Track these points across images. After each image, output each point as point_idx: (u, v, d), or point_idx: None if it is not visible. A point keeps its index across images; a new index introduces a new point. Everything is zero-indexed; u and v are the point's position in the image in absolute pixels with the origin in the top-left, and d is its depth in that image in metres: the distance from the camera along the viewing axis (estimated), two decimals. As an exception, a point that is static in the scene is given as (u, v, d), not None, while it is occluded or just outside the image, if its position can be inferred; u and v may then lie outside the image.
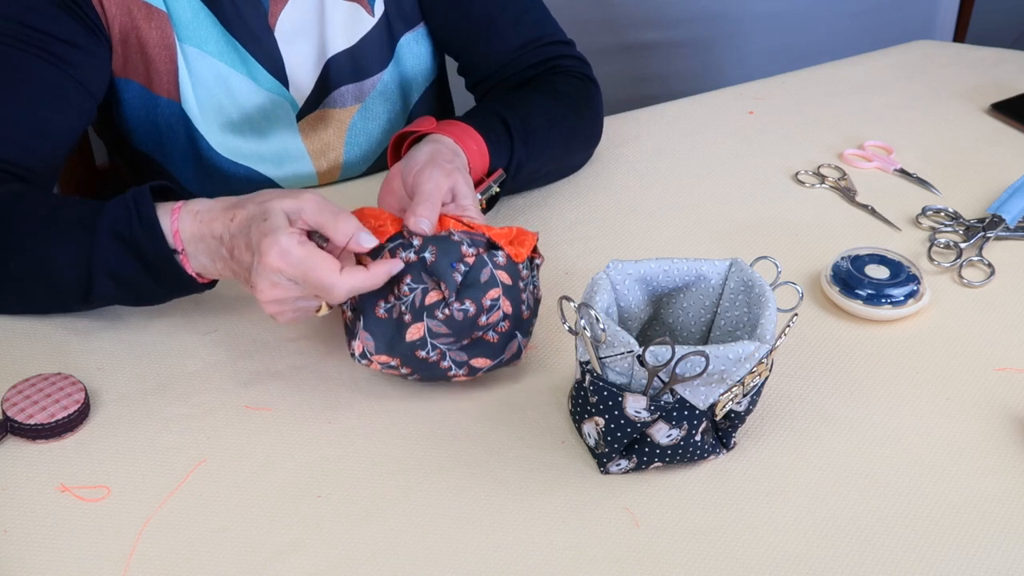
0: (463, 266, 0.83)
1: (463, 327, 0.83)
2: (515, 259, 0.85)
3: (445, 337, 0.83)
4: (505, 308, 0.84)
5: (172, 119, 1.11)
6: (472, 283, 0.83)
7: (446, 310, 0.82)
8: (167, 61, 1.07)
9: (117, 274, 0.87)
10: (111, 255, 0.86)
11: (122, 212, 0.86)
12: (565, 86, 1.15)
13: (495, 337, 0.85)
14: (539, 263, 0.89)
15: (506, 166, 1.05)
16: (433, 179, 0.89)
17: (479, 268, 0.83)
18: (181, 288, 0.89)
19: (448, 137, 0.98)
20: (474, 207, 0.92)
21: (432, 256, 0.83)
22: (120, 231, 0.86)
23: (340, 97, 1.16)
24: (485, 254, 0.84)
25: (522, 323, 0.86)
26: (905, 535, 0.77)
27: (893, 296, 0.98)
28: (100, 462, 0.82)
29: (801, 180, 1.20)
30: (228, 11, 1.07)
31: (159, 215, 0.85)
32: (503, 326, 0.84)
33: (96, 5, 1.02)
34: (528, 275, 0.87)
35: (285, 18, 1.10)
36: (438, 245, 0.83)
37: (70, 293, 0.90)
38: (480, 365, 0.86)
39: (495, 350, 0.85)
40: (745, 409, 0.81)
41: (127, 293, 0.90)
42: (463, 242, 0.84)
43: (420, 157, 0.93)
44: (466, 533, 0.77)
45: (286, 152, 1.16)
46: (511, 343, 0.86)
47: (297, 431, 0.85)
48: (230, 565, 0.75)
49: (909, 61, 1.47)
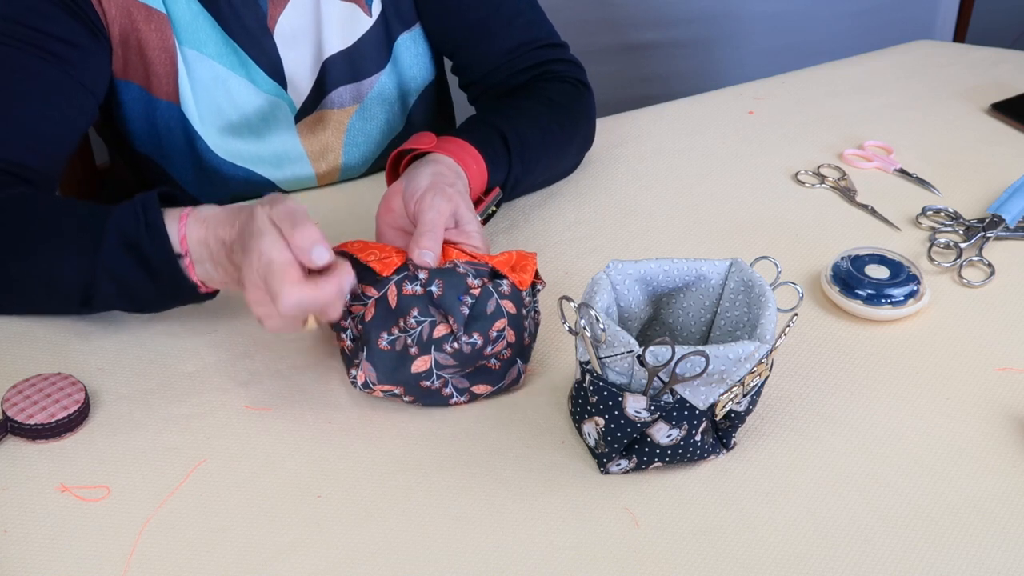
0: (470, 298, 0.83)
1: (469, 358, 0.84)
2: (519, 286, 0.86)
3: (451, 368, 0.84)
4: (509, 338, 0.85)
5: (171, 121, 1.11)
6: (479, 315, 0.83)
7: (455, 344, 0.82)
8: (167, 63, 1.07)
9: (121, 279, 0.87)
10: (116, 260, 0.86)
11: (130, 217, 0.86)
12: (560, 95, 1.15)
13: (497, 364, 0.86)
14: (540, 288, 0.90)
15: (503, 183, 1.05)
16: (435, 207, 0.89)
17: (485, 299, 0.84)
18: (183, 296, 0.88)
19: (449, 157, 0.97)
20: (477, 232, 0.91)
21: (439, 290, 0.83)
22: (128, 236, 0.85)
23: (338, 98, 1.16)
24: (490, 284, 0.85)
25: (523, 350, 0.87)
26: (905, 535, 0.77)
27: (893, 296, 0.98)
28: (100, 462, 0.82)
29: (801, 180, 1.20)
30: (227, 13, 1.07)
31: (167, 221, 0.85)
32: (505, 354, 0.85)
33: (96, 6, 1.02)
34: (530, 301, 0.88)
35: (284, 20, 1.10)
36: (444, 279, 0.83)
37: (71, 297, 0.90)
38: (481, 391, 0.86)
39: (496, 377, 0.86)
40: (745, 409, 0.81)
41: (128, 299, 0.89)
42: (468, 274, 0.84)
43: (422, 181, 0.92)
44: (466, 533, 0.77)
45: (285, 154, 1.16)
46: (511, 369, 0.87)
47: (297, 431, 0.85)
48: (230, 565, 0.75)
49: (909, 61, 1.47)
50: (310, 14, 1.11)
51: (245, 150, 1.14)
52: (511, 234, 1.09)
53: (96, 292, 0.88)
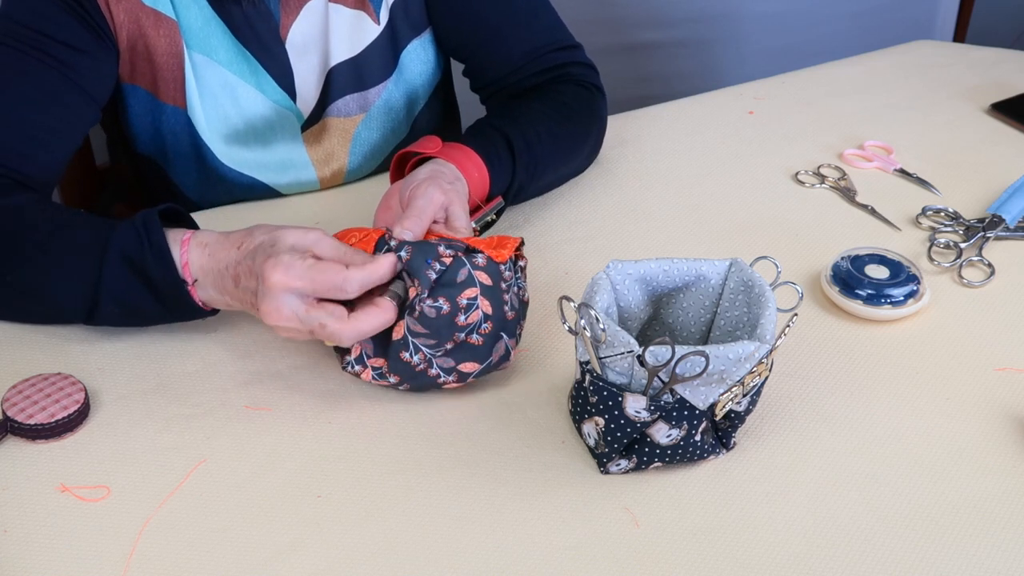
0: (439, 264, 0.83)
1: (439, 326, 0.83)
2: (496, 260, 0.86)
3: (425, 338, 0.83)
4: (485, 308, 0.84)
5: (177, 126, 1.11)
6: (448, 283, 0.83)
7: (418, 305, 0.82)
8: (174, 69, 1.07)
9: (124, 300, 0.87)
10: (120, 281, 0.86)
11: (132, 237, 0.86)
12: (572, 98, 1.14)
13: (479, 340, 0.84)
14: (523, 264, 0.89)
15: (506, 190, 1.05)
16: (427, 195, 0.90)
17: (456, 268, 0.83)
18: (188, 314, 0.89)
19: (451, 164, 0.98)
20: (465, 232, 0.92)
21: (407, 255, 0.83)
22: (130, 257, 0.85)
23: (344, 107, 1.15)
24: (464, 256, 0.84)
25: (507, 324, 0.86)
26: (905, 535, 0.77)
27: (893, 296, 0.98)
28: (100, 462, 0.82)
29: (801, 180, 1.20)
30: (239, 21, 1.07)
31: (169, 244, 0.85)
32: (485, 327, 0.84)
33: (104, 11, 1.01)
34: (511, 276, 0.87)
35: (296, 29, 1.09)
36: (415, 246, 0.84)
37: (72, 314, 0.90)
38: (469, 370, 0.85)
39: (481, 353, 0.85)
40: (745, 409, 0.81)
41: (131, 317, 0.90)
42: (440, 244, 0.84)
43: (420, 175, 0.94)
44: (466, 533, 0.77)
45: (290, 161, 1.16)
46: (497, 345, 0.86)
47: (297, 431, 0.85)
48: (230, 565, 0.75)
49: (909, 61, 1.47)
50: (320, 23, 1.11)
51: (250, 157, 1.14)
52: (511, 233, 1.09)
53: (99, 311, 0.88)
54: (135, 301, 0.87)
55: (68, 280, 0.88)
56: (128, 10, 1.03)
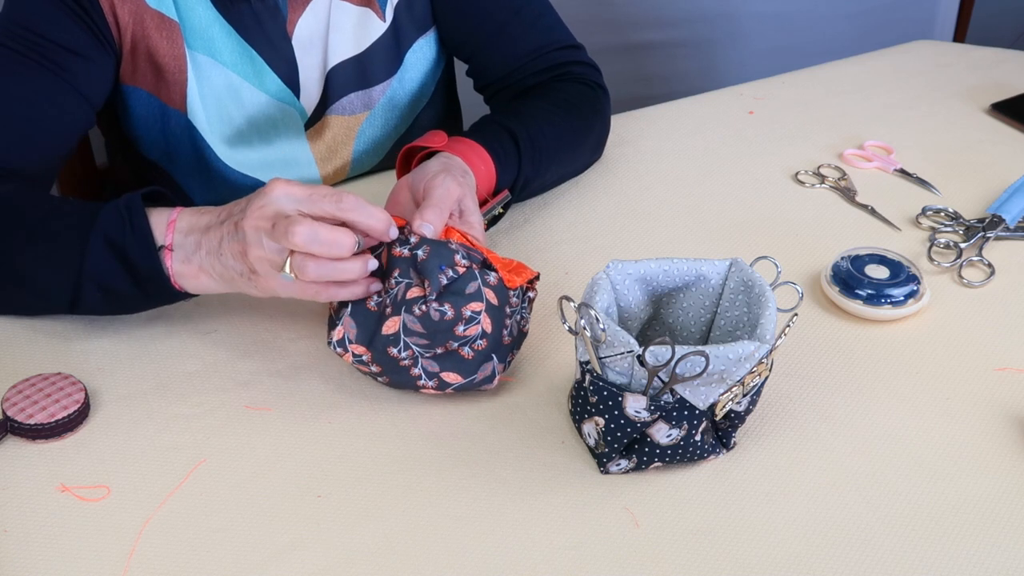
0: (451, 272, 0.83)
1: (438, 330, 0.82)
2: (507, 284, 0.86)
3: (419, 337, 0.83)
4: (485, 325, 0.83)
5: (179, 129, 1.11)
6: (457, 291, 0.83)
7: (423, 306, 0.82)
8: (176, 71, 1.07)
9: (106, 283, 0.87)
10: (102, 263, 0.86)
11: (115, 219, 0.86)
12: (576, 96, 1.15)
13: (470, 354, 0.84)
14: (532, 296, 0.89)
15: (512, 184, 1.05)
16: (445, 186, 0.90)
17: (467, 280, 0.83)
18: (165, 298, 0.89)
19: (458, 157, 0.98)
20: (479, 226, 0.92)
21: (424, 255, 0.83)
22: (112, 239, 0.86)
23: (348, 104, 1.16)
24: (478, 270, 0.84)
25: (500, 347, 0.86)
26: (905, 535, 0.77)
27: (893, 296, 0.98)
28: (100, 462, 0.82)
29: (801, 180, 1.20)
30: (247, 19, 1.07)
31: (156, 215, 0.86)
32: (480, 344, 0.84)
33: (108, 14, 1.01)
34: (518, 304, 0.87)
35: (303, 24, 1.10)
36: (432, 247, 0.84)
37: (56, 299, 0.89)
38: (451, 380, 0.85)
39: (467, 367, 0.85)
40: (745, 409, 0.81)
41: (112, 302, 0.89)
42: (458, 252, 0.84)
43: (432, 168, 0.94)
44: (466, 533, 0.77)
45: (293, 159, 1.16)
46: (485, 365, 0.85)
47: (297, 431, 0.85)
48: (230, 565, 0.75)
49: (909, 61, 1.47)
50: (324, 19, 1.11)
51: (253, 157, 1.14)
52: (511, 234, 1.09)
53: (82, 296, 0.88)
54: (116, 284, 0.87)
55: (52, 264, 0.87)
56: (133, 11, 1.03)
